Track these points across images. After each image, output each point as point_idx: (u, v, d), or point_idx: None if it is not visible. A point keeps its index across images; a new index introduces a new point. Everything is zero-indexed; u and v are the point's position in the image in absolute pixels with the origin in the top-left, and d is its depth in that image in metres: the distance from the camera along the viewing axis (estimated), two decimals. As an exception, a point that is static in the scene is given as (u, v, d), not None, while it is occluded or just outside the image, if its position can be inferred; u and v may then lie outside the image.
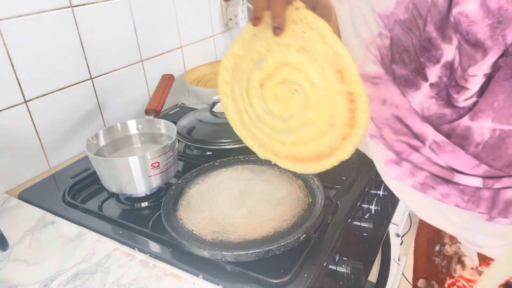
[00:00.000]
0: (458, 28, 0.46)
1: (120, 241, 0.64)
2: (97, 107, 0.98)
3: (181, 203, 0.68)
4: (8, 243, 0.64)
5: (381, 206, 0.80)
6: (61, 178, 0.84)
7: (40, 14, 0.82)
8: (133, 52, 1.06)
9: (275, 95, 0.50)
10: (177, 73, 1.20)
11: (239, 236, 0.59)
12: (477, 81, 0.47)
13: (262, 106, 0.52)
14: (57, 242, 0.65)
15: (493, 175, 0.48)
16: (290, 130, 0.51)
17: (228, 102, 0.56)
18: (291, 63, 0.47)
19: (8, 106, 0.79)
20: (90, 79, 0.95)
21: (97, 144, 0.78)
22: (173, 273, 0.57)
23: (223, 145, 0.84)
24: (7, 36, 0.77)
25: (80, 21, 0.90)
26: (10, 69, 0.78)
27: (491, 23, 0.44)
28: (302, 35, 0.45)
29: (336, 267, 0.61)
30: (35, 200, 0.76)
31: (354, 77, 0.43)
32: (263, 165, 0.77)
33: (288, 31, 0.45)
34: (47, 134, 0.87)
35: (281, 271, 0.55)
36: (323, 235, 0.62)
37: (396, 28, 0.52)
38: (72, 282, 0.56)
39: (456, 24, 0.47)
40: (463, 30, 0.46)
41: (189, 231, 0.61)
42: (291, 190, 0.69)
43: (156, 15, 1.11)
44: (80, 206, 0.73)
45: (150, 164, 0.69)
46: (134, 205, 0.75)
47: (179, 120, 0.95)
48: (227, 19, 1.40)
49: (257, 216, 0.63)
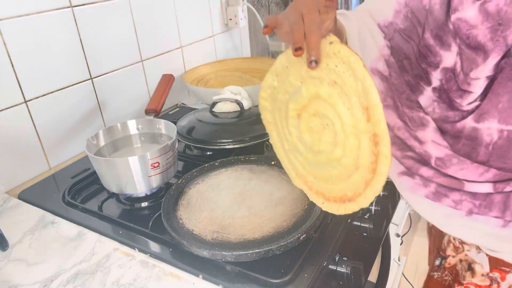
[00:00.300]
0: (458, 33, 0.46)
1: (120, 241, 0.64)
2: (97, 107, 0.98)
3: (181, 203, 0.68)
4: (8, 243, 0.64)
5: (381, 206, 0.80)
6: (61, 178, 0.84)
7: (40, 14, 0.82)
8: (133, 52, 1.06)
9: (309, 127, 0.50)
10: (177, 73, 1.20)
11: (239, 236, 0.59)
12: (479, 84, 0.47)
13: (298, 136, 0.52)
14: (57, 242, 0.65)
15: (503, 178, 0.48)
16: (321, 165, 0.51)
17: (271, 128, 0.58)
18: (323, 96, 0.46)
19: (8, 106, 0.79)
20: (90, 79, 0.95)
21: (97, 144, 0.78)
22: (173, 273, 0.57)
23: (223, 145, 0.84)
24: (7, 36, 0.77)
25: (80, 21, 0.90)
26: (10, 69, 0.78)
27: (491, 25, 0.44)
28: (334, 69, 0.44)
29: (336, 267, 0.61)
30: (35, 200, 0.76)
31: (379, 115, 0.42)
32: (263, 165, 0.77)
33: (322, 64, 0.45)
34: (47, 134, 0.87)
35: (281, 271, 0.55)
36: (323, 235, 0.62)
37: (396, 37, 0.52)
38: (72, 282, 0.56)
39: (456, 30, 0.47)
40: (463, 35, 0.46)
41: (189, 231, 0.61)
42: (291, 190, 0.69)
43: (156, 15, 1.11)
44: (80, 206, 0.73)
45: (150, 164, 0.69)
46: (134, 205, 0.75)
47: (179, 120, 0.95)
48: (227, 19, 1.40)
49: (257, 216, 0.63)
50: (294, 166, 0.57)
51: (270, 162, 0.78)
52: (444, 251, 0.69)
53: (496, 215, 0.49)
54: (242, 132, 0.86)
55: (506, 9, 0.43)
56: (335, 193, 0.51)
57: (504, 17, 0.43)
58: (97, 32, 0.94)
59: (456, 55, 0.48)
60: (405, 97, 0.54)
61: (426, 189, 0.53)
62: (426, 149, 0.52)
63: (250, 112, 0.94)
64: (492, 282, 0.60)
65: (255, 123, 0.89)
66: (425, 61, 0.51)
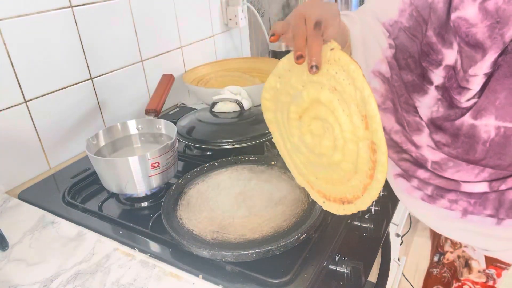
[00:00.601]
0: (458, 31, 0.47)
1: (120, 241, 0.64)
2: (97, 107, 0.98)
3: (181, 203, 0.68)
4: (8, 243, 0.64)
5: (381, 206, 0.80)
6: (61, 178, 0.84)
7: (40, 14, 0.82)
8: (133, 52, 1.06)
9: (310, 130, 0.51)
10: (177, 73, 1.20)
11: (239, 236, 0.59)
12: (478, 81, 0.48)
13: (300, 137, 0.53)
14: (57, 242, 0.65)
15: (499, 176, 0.49)
16: (322, 166, 0.52)
17: (274, 128, 0.59)
18: (323, 102, 0.47)
19: (8, 106, 0.79)
20: (90, 79, 0.95)
21: (97, 144, 0.78)
22: (173, 273, 0.57)
23: (223, 145, 0.84)
24: (7, 36, 0.77)
25: (80, 21, 0.90)
26: (10, 69, 0.78)
27: (490, 23, 0.45)
28: (334, 76, 0.45)
29: (336, 267, 0.61)
30: (35, 200, 0.76)
31: (376, 125, 0.43)
32: (263, 165, 0.77)
33: (323, 70, 0.45)
34: (47, 134, 0.87)
35: (281, 271, 0.55)
36: (323, 235, 0.62)
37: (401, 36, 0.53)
38: (72, 282, 0.56)
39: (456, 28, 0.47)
40: (463, 33, 0.46)
41: (189, 231, 0.61)
42: (291, 190, 0.69)
43: (156, 15, 1.11)
44: (80, 206, 0.73)
45: (150, 164, 0.69)
46: (134, 205, 0.75)
47: (179, 120, 0.95)
48: (227, 19, 1.40)
49: (257, 216, 0.63)
50: (296, 165, 0.58)
51: (270, 162, 0.78)
52: (442, 247, 0.69)
53: (490, 213, 0.50)
54: (242, 132, 0.86)
55: (504, 7, 0.43)
56: (336, 194, 0.52)
57: (503, 15, 0.44)
58: (97, 32, 0.94)
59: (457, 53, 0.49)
60: (403, 101, 0.55)
61: (422, 192, 0.54)
62: (422, 153, 0.53)
63: (250, 112, 0.94)
64: (488, 278, 0.60)
65: (255, 123, 0.89)
66: (426, 59, 0.51)
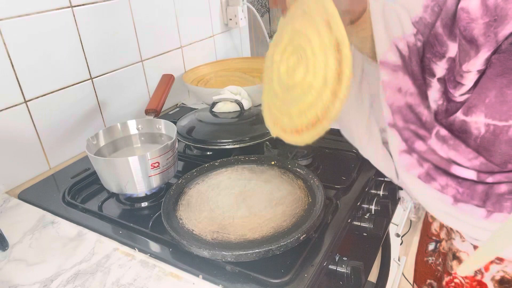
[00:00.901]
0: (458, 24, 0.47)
1: (120, 241, 0.64)
2: (97, 107, 0.98)
3: (181, 203, 0.68)
4: (8, 243, 0.64)
5: (381, 206, 0.80)
6: (61, 178, 0.84)
7: (40, 14, 0.82)
8: (133, 52, 1.06)
9: (287, 66, 0.54)
10: (177, 73, 1.20)
11: (239, 236, 0.59)
12: (471, 77, 0.48)
13: (278, 79, 0.56)
14: (57, 242, 0.65)
15: (488, 169, 0.49)
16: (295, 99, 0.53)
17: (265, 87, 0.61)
18: (297, 28, 0.51)
19: (8, 106, 0.79)
20: (90, 79, 0.95)
21: (97, 144, 0.78)
22: (173, 273, 0.57)
23: (223, 145, 0.84)
24: (7, 36, 0.77)
25: (80, 21, 0.90)
26: (10, 69, 0.78)
27: (488, 21, 0.45)
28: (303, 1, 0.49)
29: (336, 267, 0.61)
30: (35, 200, 0.76)
31: (337, 22, 0.45)
32: (263, 165, 0.77)
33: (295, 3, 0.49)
34: (47, 134, 0.87)
35: (281, 271, 0.55)
36: (323, 235, 0.62)
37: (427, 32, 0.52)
38: (72, 282, 0.56)
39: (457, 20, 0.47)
40: (462, 26, 0.46)
41: (189, 231, 0.61)
42: (291, 190, 0.69)
43: (156, 15, 1.11)
44: (80, 206, 0.73)
45: (150, 164, 0.69)
46: (134, 205, 0.75)
47: (179, 120, 0.95)
48: (227, 19, 1.40)
49: (257, 216, 0.63)
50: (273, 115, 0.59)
51: (270, 162, 0.78)
52: (438, 235, 0.69)
53: (478, 204, 0.50)
54: (242, 132, 0.86)
55: (502, 5, 0.43)
56: (308, 120, 0.52)
57: (500, 13, 0.44)
58: (97, 32, 0.94)
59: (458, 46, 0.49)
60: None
61: (420, 169, 0.54)
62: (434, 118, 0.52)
63: (250, 112, 0.94)
64: (476, 273, 0.60)
65: (255, 123, 0.89)
66: (430, 51, 0.52)
